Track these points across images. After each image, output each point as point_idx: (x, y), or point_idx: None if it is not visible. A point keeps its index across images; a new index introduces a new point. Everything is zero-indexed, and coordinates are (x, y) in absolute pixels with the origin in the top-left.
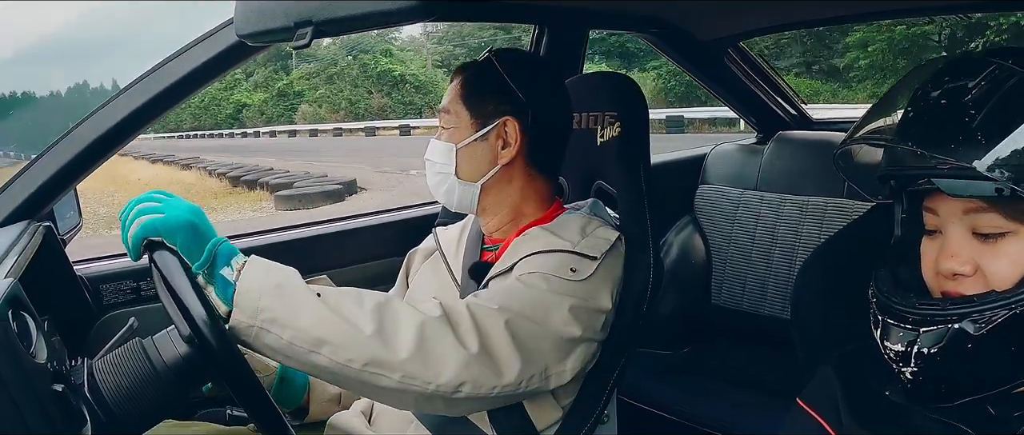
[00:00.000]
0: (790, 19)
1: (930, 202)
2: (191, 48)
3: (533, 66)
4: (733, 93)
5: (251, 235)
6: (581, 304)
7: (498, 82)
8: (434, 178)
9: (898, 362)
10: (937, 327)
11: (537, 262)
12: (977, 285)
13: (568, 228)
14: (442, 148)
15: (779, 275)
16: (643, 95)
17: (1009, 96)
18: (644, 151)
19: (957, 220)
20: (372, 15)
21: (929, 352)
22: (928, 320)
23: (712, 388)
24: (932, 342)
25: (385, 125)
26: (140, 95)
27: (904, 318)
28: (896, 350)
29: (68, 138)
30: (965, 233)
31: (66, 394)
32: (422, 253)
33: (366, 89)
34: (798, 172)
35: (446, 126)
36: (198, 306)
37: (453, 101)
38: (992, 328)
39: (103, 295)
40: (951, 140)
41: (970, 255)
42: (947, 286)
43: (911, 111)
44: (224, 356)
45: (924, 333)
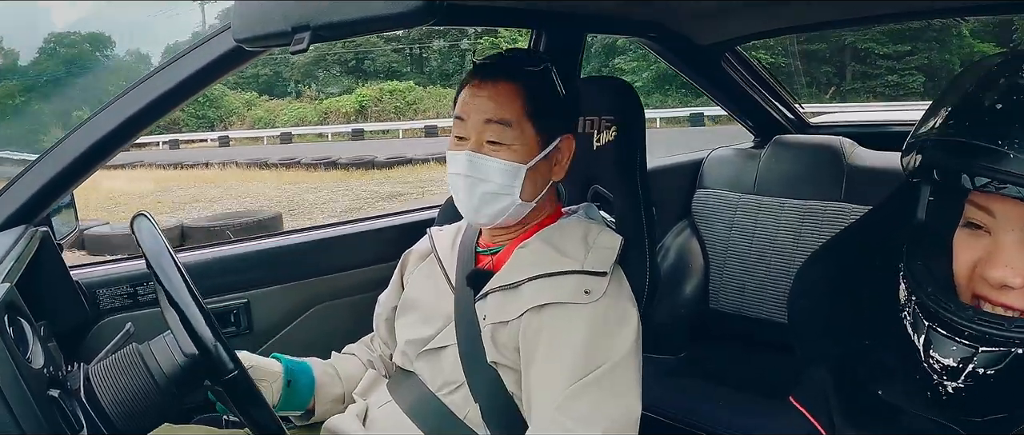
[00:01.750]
0: (787, 23)
1: (984, 200)
2: (189, 52)
3: (573, 80)
4: (731, 97)
5: (248, 240)
6: (602, 325)
7: (556, 97)
8: (483, 198)
9: (942, 375)
10: (998, 349)
11: (549, 292)
12: (1022, 298)
13: (570, 239)
14: (503, 168)
15: (777, 279)
16: (640, 99)
17: None
18: (641, 155)
19: (1017, 229)
20: (371, 19)
21: (983, 373)
22: (988, 339)
23: (710, 392)
24: (989, 363)
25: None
26: (138, 99)
27: (960, 332)
28: (945, 364)
29: (66, 142)
30: (1021, 242)
31: (62, 400)
32: (417, 254)
33: None
34: (796, 176)
35: (502, 141)
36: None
37: (515, 114)
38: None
39: (99, 300)
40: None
41: (1022, 266)
42: (986, 292)
43: (999, 103)
44: (223, 363)
45: (982, 352)
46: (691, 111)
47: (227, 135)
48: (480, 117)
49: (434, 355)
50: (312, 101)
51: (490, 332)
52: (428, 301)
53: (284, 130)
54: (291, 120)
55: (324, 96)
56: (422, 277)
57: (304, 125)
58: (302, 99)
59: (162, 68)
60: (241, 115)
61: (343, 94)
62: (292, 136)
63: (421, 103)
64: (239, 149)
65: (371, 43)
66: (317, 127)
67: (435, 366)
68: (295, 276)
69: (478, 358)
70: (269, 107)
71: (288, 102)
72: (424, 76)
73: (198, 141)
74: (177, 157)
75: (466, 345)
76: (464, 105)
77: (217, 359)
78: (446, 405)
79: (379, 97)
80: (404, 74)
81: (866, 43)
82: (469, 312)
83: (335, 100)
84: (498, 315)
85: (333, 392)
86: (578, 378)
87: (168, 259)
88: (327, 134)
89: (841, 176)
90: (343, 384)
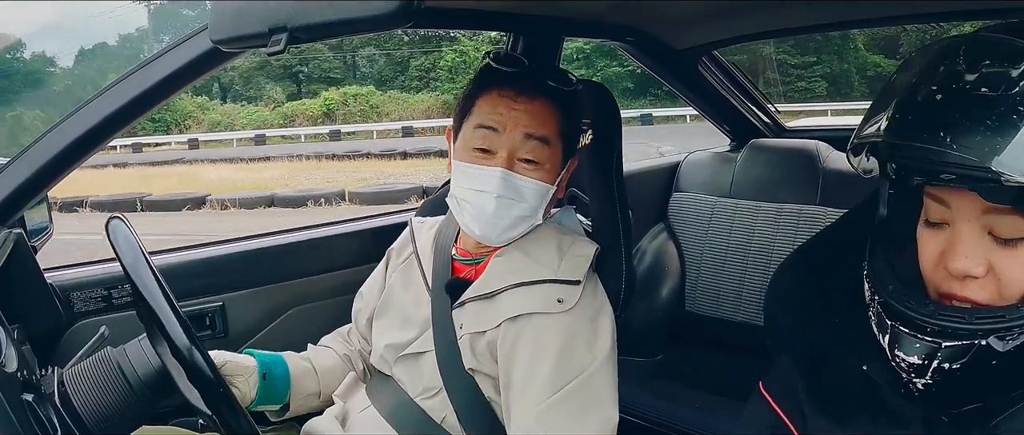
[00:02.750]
0: (764, 28)
1: (941, 193)
2: (166, 53)
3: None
4: (707, 101)
5: (224, 243)
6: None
7: (581, 116)
8: (515, 221)
9: (910, 373)
10: (962, 342)
11: (523, 301)
12: (986, 289)
13: (544, 248)
14: (537, 190)
15: (753, 282)
16: (616, 103)
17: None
18: (617, 159)
19: (973, 219)
20: (348, 21)
21: (949, 368)
22: (951, 333)
23: (686, 394)
24: (954, 357)
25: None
26: (114, 100)
27: (922, 329)
28: (911, 362)
29: (40, 144)
30: (980, 232)
31: (36, 404)
32: (398, 251)
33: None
34: (772, 179)
35: (538, 160)
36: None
37: (552, 133)
38: (1019, 344)
39: (74, 303)
40: (994, 140)
41: (984, 256)
42: (951, 286)
43: (939, 94)
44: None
45: (946, 347)
46: (640, 112)
47: (197, 137)
48: (520, 131)
49: (413, 360)
50: (267, 105)
51: (468, 341)
52: (407, 305)
53: (258, 132)
54: (251, 123)
55: (283, 100)
56: (402, 277)
57: (265, 128)
58: (259, 104)
59: (138, 69)
60: (197, 118)
61: (290, 99)
62: (266, 137)
63: (383, 106)
64: (223, 150)
65: (315, 50)
66: (319, 128)
67: (414, 371)
68: (271, 279)
69: (455, 365)
70: (225, 110)
71: (242, 106)
72: (357, 81)
73: (163, 144)
74: (205, 155)
75: (443, 352)
76: (498, 116)
77: (191, 363)
78: (424, 410)
79: (344, 100)
80: (341, 80)
81: (780, 54)
82: (446, 320)
83: (300, 103)
84: (475, 325)
85: (309, 386)
86: (555, 391)
87: (143, 262)
88: (301, 135)
89: (817, 179)
90: (319, 378)
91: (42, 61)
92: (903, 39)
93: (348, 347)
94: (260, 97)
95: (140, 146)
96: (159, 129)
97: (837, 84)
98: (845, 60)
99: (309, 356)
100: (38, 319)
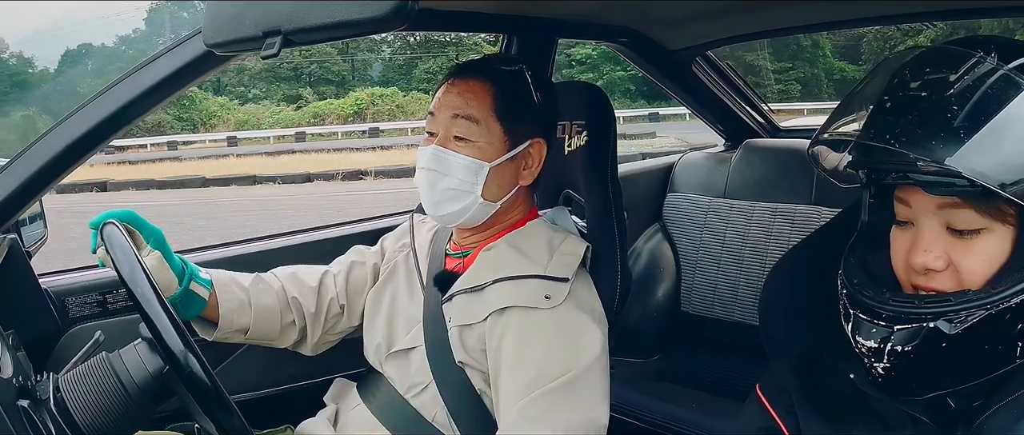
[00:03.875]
0: (758, 28)
1: (903, 193)
2: (160, 57)
3: (551, 86)
4: (701, 101)
5: (212, 248)
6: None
7: (529, 100)
8: (444, 193)
9: (870, 357)
10: (911, 326)
11: (511, 295)
12: (949, 280)
13: (535, 244)
14: (466, 164)
15: (749, 282)
16: (611, 104)
17: (991, 93)
18: (611, 160)
19: (931, 214)
20: (342, 24)
21: (903, 350)
22: (902, 318)
23: (682, 395)
24: (906, 340)
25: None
26: (108, 105)
27: (877, 314)
28: (869, 346)
29: (34, 149)
30: (938, 227)
31: (32, 410)
32: (394, 239)
33: None
34: (766, 179)
35: (468, 137)
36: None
37: (483, 111)
38: (967, 327)
39: (69, 308)
40: (933, 138)
41: (943, 250)
42: (918, 280)
43: (888, 101)
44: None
45: (898, 331)
46: (649, 111)
47: (235, 135)
48: (448, 112)
49: (402, 357)
50: (287, 105)
51: (457, 334)
52: (400, 303)
53: (298, 130)
54: (277, 122)
55: (314, 99)
56: (399, 273)
57: (291, 126)
58: (281, 104)
59: (132, 73)
60: (222, 117)
61: (289, 101)
62: (306, 135)
63: (408, 106)
64: (250, 147)
65: (325, 52)
66: (357, 125)
67: (403, 368)
68: None
69: (445, 359)
70: (248, 110)
71: (262, 106)
72: (363, 84)
73: (196, 142)
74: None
75: (433, 346)
76: (437, 101)
77: (186, 368)
78: (413, 407)
79: (372, 101)
80: (349, 82)
81: (761, 61)
82: (437, 313)
83: (328, 103)
84: (463, 318)
85: (238, 322)
86: (540, 386)
87: (138, 267)
88: (337, 133)
89: (811, 179)
90: (252, 312)
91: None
92: (864, 48)
93: (302, 298)
94: (267, 96)
95: (175, 144)
96: (186, 128)
97: (808, 86)
98: (815, 66)
99: (249, 290)
100: (33, 324)
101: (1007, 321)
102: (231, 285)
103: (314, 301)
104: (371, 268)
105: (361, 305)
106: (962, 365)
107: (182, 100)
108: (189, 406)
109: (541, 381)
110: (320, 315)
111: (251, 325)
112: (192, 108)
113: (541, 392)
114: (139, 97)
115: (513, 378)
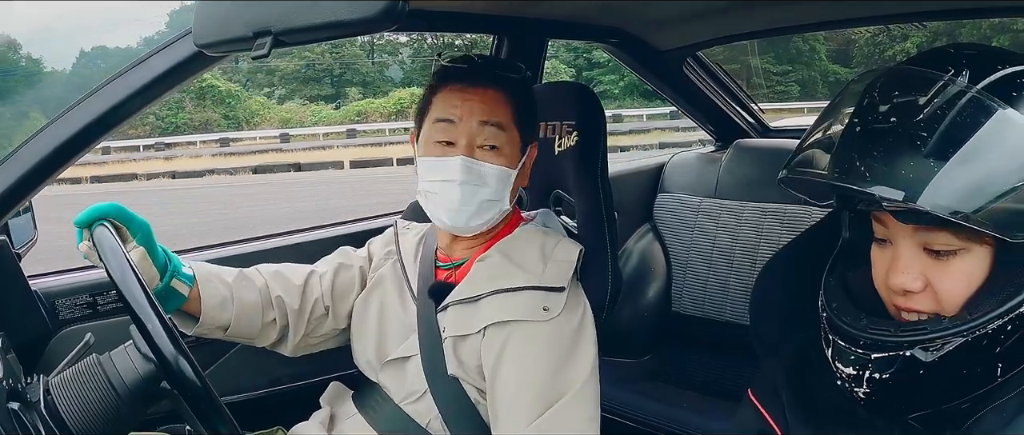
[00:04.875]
0: (748, 29)
1: (880, 215)
2: (150, 57)
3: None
4: (691, 102)
5: (201, 250)
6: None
7: (533, 103)
8: (480, 205)
9: (849, 383)
10: (888, 354)
11: (508, 308)
12: (927, 300)
13: (528, 252)
14: (498, 174)
15: (739, 281)
16: (601, 105)
17: (960, 120)
18: (602, 160)
19: (908, 236)
20: (332, 24)
21: (880, 377)
22: (879, 346)
23: (674, 394)
24: (883, 368)
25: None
26: (98, 105)
27: (855, 341)
28: (848, 372)
29: (23, 150)
30: (915, 248)
31: (22, 413)
32: (380, 246)
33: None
34: (757, 179)
35: (498, 145)
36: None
37: (507, 119)
38: (944, 355)
39: (59, 310)
40: (902, 168)
41: (920, 271)
42: (898, 300)
43: (858, 126)
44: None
45: (875, 359)
46: (670, 109)
47: (287, 132)
48: (475, 119)
49: (398, 365)
50: (325, 104)
51: (451, 345)
52: (392, 310)
53: (350, 126)
54: (320, 121)
55: (359, 98)
56: (387, 282)
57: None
58: (318, 103)
59: (121, 74)
60: (264, 116)
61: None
62: (357, 132)
63: None
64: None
65: (354, 54)
66: (405, 122)
67: (399, 376)
68: None
69: (440, 369)
70: (288, 108)
71: (303, 105)
72: (387, 83)
73: (246, 138)
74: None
75: (428, 356)
76: (452, 108)
77: (177, 370)
78: (409, 416)
79: (412, 100)
80: (374, 83)
81: (765, 64)
82: (431, 324)
83: (369, 102)
84: (458, 328)
85: (220, 318)
86: (543, 411)
87: (129, 270)
88: (386, 130)
89: None
90: (234, 308)
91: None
92: (854, 52)
93: (287, 297)
94: (292, 96)
95: (227, 141)
96: (231, 125)
97: (806, 87)
98: (812, 69)
99: (232, 286)
100: (23, 327)
101: (985, 346)
102: (214, 280)
103: (298, 300)
104: (358, 271)
105: (347, 308)
106: (943, 388)
107: (227, 99)
108: (180, 408)
109: (544, 404)
110: (303, 314)
111: (231, 322)
112: (237, 106)
113: (546, 418)
114: (129, 98)
115: (515, 400)
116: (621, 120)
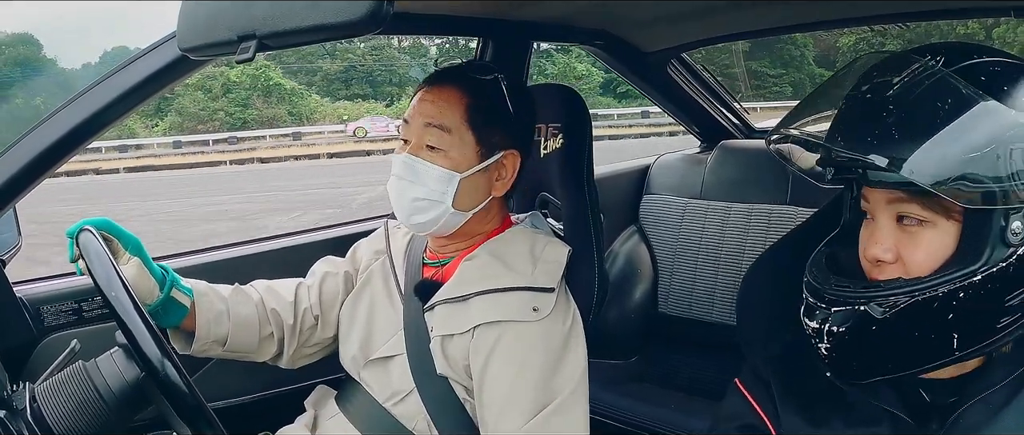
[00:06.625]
0: (732, 30)
1: (865, 189)
2: (135, 61)
3: (527, 96)
4: (676, 103)
5: (190, 254)
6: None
7: (504, 110)
8: (414, 203)
9: (815, 338)
10: (846, 308)
11: (498, 308)
12: (897, 271)
13: (517, 253)
14: (437, 175)
15: (725, 282)
16: (586, 107)
17: (926, 95)
18: (588, 162)
19: (884, 208)
20: (317, 28)
21: (837, 331)
22: (839, 301)
23: (661, 395)
24: (840, 322)
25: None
26: (82, 110)
27: (821, 297)
28: (813, 326)
29: (6, 155)
30: (891, 221)
31: (8, 421)
32: (369, 248)
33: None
34: (742, 180)
35: (440, 147)
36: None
37: (455, 121)
38: (896, 313)
39: (44, 317)
40: (869, 136)
41: (892, 243)
42: (873, 272)
43: (844, 104)
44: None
45: (834, 312)
46: None
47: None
48: (421, 120)
49: (381, 365)
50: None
51: (439, 343)
52: (377, 310)
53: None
54: (371, 115)
55: (408, 97)
56: (375, 280)
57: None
58: (369, 101)
59: (105, 79)
60: (322, 113)
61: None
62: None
63: None
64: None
65: (391, 57)
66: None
67: (382, 376)
68: None
69: (428, 367)
70: (341, 106)
71: (356, 103)
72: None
73: (318, 132)
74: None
75: (415, 354)
76: (411, 109)
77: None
78: (394, 416)
79: None
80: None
81: (761, 67)
82: (418, 322)
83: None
84: (446, 327)
85: (216, 332)
86: (534, 414)
87: (114, 274)
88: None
89: (786, 180)
90: (231, 323)
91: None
92: (838, 58)
93: (282, 310)
94: (330, 95)
95: (299, 134)
96: (293, 121)
97: (797, 88)
98: (802, 72)
99: (229, 301)
100: (8, 334)
101: (936, 310)
102: (210, 295)
103: (292, 313)
104: (343, 277)
105: (335, 315)
106: (897, 351)
107: (292, 97)
108: (166, 414)
109: (535, 408)
110: (297, 327)
111: (229, 336)
112: (299, 104)
113: (537, 421)
114: (114, 102)
115: (507, 405)
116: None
